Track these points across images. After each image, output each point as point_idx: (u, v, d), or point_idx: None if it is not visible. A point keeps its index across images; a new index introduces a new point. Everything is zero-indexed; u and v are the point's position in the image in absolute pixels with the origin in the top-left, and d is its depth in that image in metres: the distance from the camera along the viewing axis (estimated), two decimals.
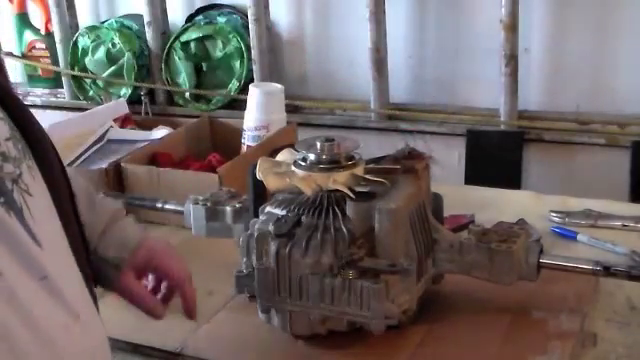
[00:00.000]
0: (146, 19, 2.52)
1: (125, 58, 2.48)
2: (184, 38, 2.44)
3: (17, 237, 0.58)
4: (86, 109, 1.94)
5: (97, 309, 0.70)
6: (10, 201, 0.58)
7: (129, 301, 0.92)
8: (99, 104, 2.31)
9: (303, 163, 0.99)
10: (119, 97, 2.42)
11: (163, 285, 0.95)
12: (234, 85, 2.42)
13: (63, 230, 0.66)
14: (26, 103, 3.03)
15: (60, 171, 0.70)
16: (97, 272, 0.83)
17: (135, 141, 1.62)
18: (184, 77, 2.46)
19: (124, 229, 0.92)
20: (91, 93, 2.61)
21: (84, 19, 2.75)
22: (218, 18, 2.50)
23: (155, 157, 1.53)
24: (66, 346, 0.60)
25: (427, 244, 1.00)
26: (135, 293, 0.91)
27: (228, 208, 1.13)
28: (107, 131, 1.65)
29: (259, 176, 1.00)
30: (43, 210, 0.63)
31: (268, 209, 1.01)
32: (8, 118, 0.63)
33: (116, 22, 2.58)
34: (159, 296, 0.95)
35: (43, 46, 2.77)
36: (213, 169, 1.44)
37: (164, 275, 0.94)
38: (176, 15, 2.60)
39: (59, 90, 2.77)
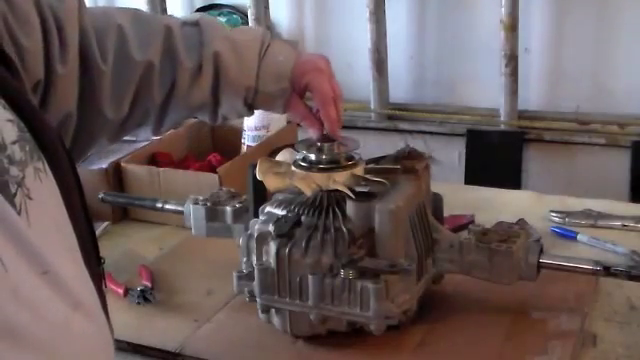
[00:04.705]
0: None
1: None
2: None
3: (21, 236, 0.58)
4: None
5: (106, 310, 0.70)
6: (12, 204, 0.59)
7: (299, 122, 1.02)
8: None
9: (303, 163, 0.99)
10: None
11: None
12: None
13: (73, 230, 0.66)
14: None
15: (70, 170, 0.70)
16: (264, 105, 0.99)
17: (135, 141, 1.62)
18: None
19: (275, 61, 0.96)
20: None
21: None
22: (218, 18, 2.50)
23: (155, 157, 1.53)
24: (69, 338, 0.60)
25: (427, 244, 1.00)
26: (301, 115, 0.99)
27: (228, 208, 1.13)
28: None
29: (259, 176, 1.00)
30: (46, 213, 0.63)
31: (268, 209, 1.01)
32: (18, 119, 0.63)
33: None
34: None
35: None
36: (213, 169, 1.44)
37: (312, 92, 0.98)
38: (176, 15, 2.60)
39: None
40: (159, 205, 1.23)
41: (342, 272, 0.92)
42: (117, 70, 0.88)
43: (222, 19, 2.49)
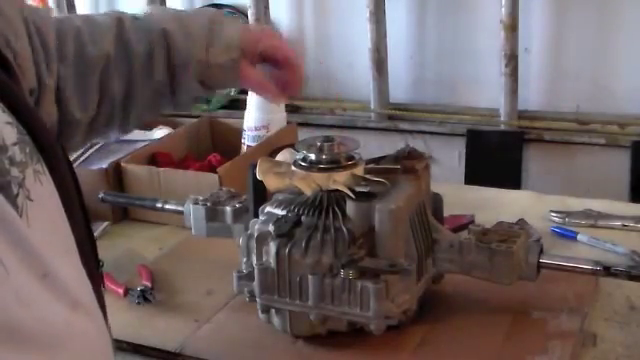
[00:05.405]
0: None
1: None
2: None
3: (22, 238, 0.58)
4: None
5: (105, 312, 0.70)
6: (14, 205, 0.59)
7: (255, 90, 1.05)
8: None
9: (303, 163, 0.99)
10: None
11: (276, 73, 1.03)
12: None
13: (71, 232, 0.67)
14: None
15: (68, 173, 0.70)
16: (217, 79, 0.98)
17: (135, 141, 1.62)
18: None
19: (224, 34, 0.98)
20: None
21: None
22: None
23: (155, 157, 1.53)
24: (70, 338, 0.60)
25: (427, 244, 1.00)
26: (255, 81, 1.00)
27: (228, 208, 1.13)
28: None
29: (259, 176, 1.00)
30: (45, 215, 0.63)
31: (268, 209, 1.01)
32: (17, 122, 0.63)
33: None
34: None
35: None
36: (213, 169, 1.44)
37: (272, 55, 1.00)
38: None
39: None
40: (159, 205, 1.23)
41: (342, 272, 0.92)
42: (78, 70, 0.90)
43: None
